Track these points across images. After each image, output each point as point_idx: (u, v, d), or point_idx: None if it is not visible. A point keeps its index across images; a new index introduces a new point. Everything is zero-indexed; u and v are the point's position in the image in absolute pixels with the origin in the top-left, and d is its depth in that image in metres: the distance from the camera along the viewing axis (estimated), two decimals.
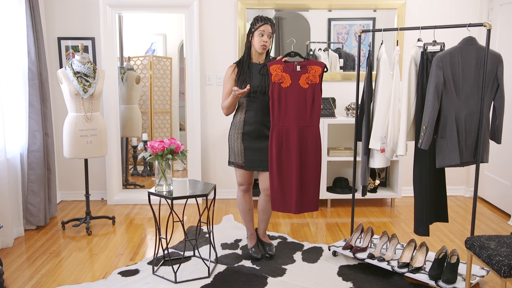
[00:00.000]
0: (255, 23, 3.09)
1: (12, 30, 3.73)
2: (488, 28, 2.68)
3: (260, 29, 3.06)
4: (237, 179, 3.31)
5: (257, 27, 3.07)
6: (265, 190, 3.25)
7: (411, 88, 2.95)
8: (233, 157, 3.25)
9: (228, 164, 3.31)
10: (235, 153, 3.23)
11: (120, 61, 4.71)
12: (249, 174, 3.27)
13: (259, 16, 3.12)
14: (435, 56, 2.79)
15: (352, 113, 4.50)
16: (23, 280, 3.02)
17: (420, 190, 2.98)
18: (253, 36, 3.09)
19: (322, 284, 2.95)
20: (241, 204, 3.37)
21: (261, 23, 3.06)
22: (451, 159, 2.79)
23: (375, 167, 3.27)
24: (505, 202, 4.32)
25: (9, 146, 3.69)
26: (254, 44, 3.11)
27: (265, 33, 3.06)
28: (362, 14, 4.66)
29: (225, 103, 3.12)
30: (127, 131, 4.88)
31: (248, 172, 3.26)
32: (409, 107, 2.97)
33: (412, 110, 2.99)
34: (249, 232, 3.40)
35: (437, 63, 2.74)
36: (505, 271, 2.26)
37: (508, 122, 4.27)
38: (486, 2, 4.58)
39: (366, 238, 3.33)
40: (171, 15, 4.81)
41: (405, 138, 2.98)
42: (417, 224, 3.05)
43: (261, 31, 3.06)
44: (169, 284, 2.96)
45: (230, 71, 3.18)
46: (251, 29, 3.10)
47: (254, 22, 3.10)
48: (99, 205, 4.62)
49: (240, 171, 3.26)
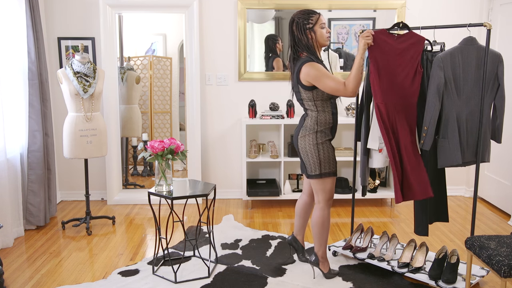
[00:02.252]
0: (309, 17, 2.74)
1: (12, 30, 3.73)
2: (488, 28, 2.68)
3: (321, 22, 2.75)
4: (328, 193, 2.87)
5: (315, 21, 2.74)
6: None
7: None
8: (327, 166, 2.84)
9: (321, 177, 2.83)
10: (330, 160, 2.85)
11: (120, 61, 4.71)
12: None
13: (304, 9, 2.78)
14: (435, 56, 2.79)
15: (352, 113, 4.50)
16: (23, 280, 3.03)
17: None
18: (315, 31, 2.74)
19: (322, 284, 2.95)
20: (327, 222, 2.91)
21: (317, 15, 2.75)
22: (453, 159, 2.79)
23: (374, 167, 3.26)
24: (505, 202, 4.32)
25: (9, 146, 3.69)
26: (318, 38, 2.76)
27: (325, 23, 2.78)
28: (362, 14, 4.66)
29: (352, 79, 2.62)
30: (127, 131, 4.88)
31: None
32: None
33: None
34: (325, 254, 3.00)
35: (438, 64, 2.74)
36: (505, 271, 2.26)
37: (508, 122, 4.27)
38: (486, 2, 4.58)
39: (366, 238, 3.33)
40: (171, 15, 4.81)
41: None
42: (417, 224, 3.05)
43: (322, 24, 2.76)
44: (169, 284, 2.96)
45: (320, 66, 2.74)
46: (305, 25, 2.73)
47: (306, 17, 2.74)
48: (99, 205, 4.62)
49: (333, 180, 2.88)
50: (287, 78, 4.70)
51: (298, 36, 2.77)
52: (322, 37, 2.77)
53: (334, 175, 2.88)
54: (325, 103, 2.82)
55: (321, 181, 2.85)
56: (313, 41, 2.77)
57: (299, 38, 2.77)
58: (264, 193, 4.44)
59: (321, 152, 2.83)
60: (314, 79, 2.69)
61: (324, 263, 3.01)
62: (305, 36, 2.75)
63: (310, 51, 2.77)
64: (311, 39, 2.76)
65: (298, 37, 2.77)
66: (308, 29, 2.74)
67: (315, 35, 2.76)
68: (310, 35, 2.76)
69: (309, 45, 2.76)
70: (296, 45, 2.79)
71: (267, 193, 4.43)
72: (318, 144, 2.82)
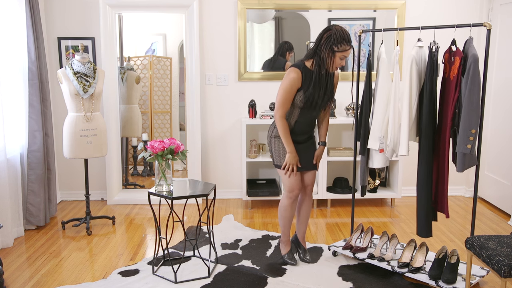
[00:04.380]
0: (340, 43, 2.82)
1: (12, 30, 3.73)
2: (488, 28, 2.68)
3: (345, 53, 2.86)
4: (287, 185, 3.09)
5: (341, 50, 2.84)
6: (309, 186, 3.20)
7: (412, 88, 2.94)
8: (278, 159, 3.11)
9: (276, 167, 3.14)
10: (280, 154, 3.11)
11: (120, 61, 4.71)
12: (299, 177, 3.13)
13: (344, 33, 2.84)
14: (472, 55, 2.66)
15: (352, 113, 4.50)
16: (23, 280, 3.02)
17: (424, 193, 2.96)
18: (334, 56, 2.86)
19: (322, 284, 2.95)
20: (287, 212, 3.14)
21: (347, 46, 2.84)
22: (474, 160, 2.76)
23: (374, 167, 3.27)
24: (505, 202, 4.32)
25: (9, 146, 3.69)
26: (331, 63, 2.88)
27: (346, 57, 2.90)
28: (362, 14, 4.66)
29: (282, 133, 2.98)
30: (127, 131, 4.88)
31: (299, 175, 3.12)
32: (411, 107, 2.96)
33: (413, 110, 2.98)
34: (285, 238, 3.25)
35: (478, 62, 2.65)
36: (505, 271, 2.26)
37: (508, 122, 4.27)
38: (486, 2, 4.58)
39: (366, 238, 3.33)
40: (171, 15, 4.81)
41: (407, 138, 2.96)
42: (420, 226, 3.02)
43: (344, 55, 2.87)
44: (169, 284, 2.96)
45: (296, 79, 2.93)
46: (332, 46, 2.83)
47: (339, 41, 2.81)
48: (99, 205, 4.62)
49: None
50: None
51: (321, 46, 2.88)
52: (333, 64, 2.91)
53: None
54: (295, 109, 3.01)
55: (279, 172, 3.13)
56: (329, 60, 2.88)
57: (321, 48, 2.88)
58: (264, 193, 4.44)
59: (273, 145, 3.12)
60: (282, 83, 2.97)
61: (282, 246, 3.28)
62: (325, 51, 2.87)
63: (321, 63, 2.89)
64: (328, 58, 2.88)
65: (321, 47, 2.88)
66: (332, 50, 2.85)
67: (332, 58, 2.88)
68: (328, 54, 2.87)
69: (324, 60, 2.88)
70: (315, 50, 2.92)
71: (267, 193, 4.43)
72: (271, 137, 3.13)
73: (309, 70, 2.95)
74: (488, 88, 4.55)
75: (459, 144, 2.69)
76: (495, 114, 4.50)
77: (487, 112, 4.54)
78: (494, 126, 4.51)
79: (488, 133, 4.59)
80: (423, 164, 2.94)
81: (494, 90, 4.51)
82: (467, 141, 2.65)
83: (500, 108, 4.41)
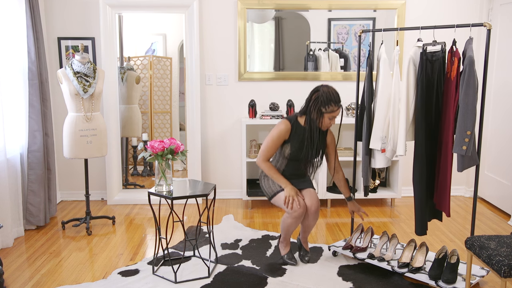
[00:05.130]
0: (327, 104, 2.92)
1: (12, 30, 3.73)
2: (488, 28, 2.68)
3: (333, 114, 2.96)
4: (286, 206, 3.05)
5: (329, 111, 2.94)
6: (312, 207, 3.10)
7: (409, 88, 2.95)
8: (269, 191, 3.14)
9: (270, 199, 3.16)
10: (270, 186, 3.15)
11: (120, 61, 4.71)
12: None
13: (332, 94, 2.93)
14: (468, 56, 2.67)
15: (352, 113, 4.50)
16: (23, 280, 3.02)
17: (420, 191, 2.98)
18: (323, 117, 2.96)
19: (322, 284, 2.95)
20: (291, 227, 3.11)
21: (335, 107, 2.94)
22: (475, 160, 2.76)
23: (376, 167, 3.26)
24: (505, 202, 4.32)
25: (9, 146, 3.69)
26: (320, 123, 2.99)
27: (335, 117, 2.99)
28: (362, 14, 4.66)
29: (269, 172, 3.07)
30: (127, 131, 4.88)
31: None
32: (408, 107, 2.97)
33: (411, 110, 2.98)
34: (285, 240, 3.25)
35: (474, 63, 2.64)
36: (505, 271, 2.26)
37: (508, 122, 4.27)
38: (486, 2, 4.58)
39: (366, 238, 3.33)
40: (171, 15, 4.81)
41: (404, 138, 2.97)
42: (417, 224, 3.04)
43: (333, 116, 2.97)
44: (169, 284, 2.95)
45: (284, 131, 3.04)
46: (320, 107, 2.94)
47: (326, 102, 2.92)
48: (99, 205, 4.62)
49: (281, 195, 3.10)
50: (287, 79, 4.71)
51: (310, 107, 3.00)
52: (323, 125, 3.01)
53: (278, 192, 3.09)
54: (283, 160, 3.12)
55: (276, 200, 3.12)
56: (318, 120, 3.00)
57: (310, 109, 3.00)
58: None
59: (263, 182, 3.19)
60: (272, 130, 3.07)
61: (281, 246, 3.28)
62: (314, 113, 2.98)
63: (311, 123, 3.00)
64: (317, 119, 2.99)
65: (310, 107, 3.00)
66: (320, 111, 2.96)
67: (321, 119, 2.99)
68: (318, 116, 2.98)
69: (313, 120, 3.00)
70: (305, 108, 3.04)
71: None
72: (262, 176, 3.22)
73: (300, 125, 3.06)
74: (488, 88, 4.55)
75: (455, 145, 2.70)
76: (495, 114, 4.50)
77: (487, 112, 4.54)
78: (494, 126, 4.51)
79: (488, 133, 4.59)
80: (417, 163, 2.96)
81: (494, 90, 4.51)
82: (463, 142, 2.67)
83: (500, 108, 4.41)
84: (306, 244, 3.33)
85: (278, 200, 3.08)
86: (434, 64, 2.88)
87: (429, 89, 2.90)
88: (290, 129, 3.04)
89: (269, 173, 3.08)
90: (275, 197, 3.10)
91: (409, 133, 3.04)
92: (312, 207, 3.06)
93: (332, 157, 3.23)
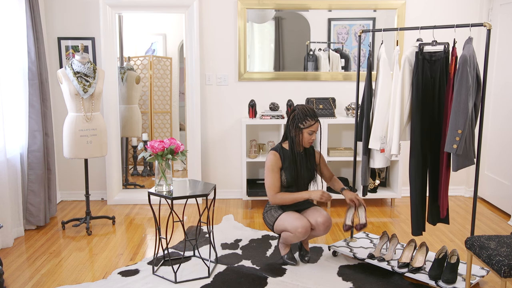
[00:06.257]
0: (303, 120, 3.01)
1: (12, 30, 3.73)
2: (488, 28, 2.68)
3: (311, 128, 3.03)
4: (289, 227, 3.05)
5: (307, 126, 3.02)
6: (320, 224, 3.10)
7: (404, 88, 2.95)
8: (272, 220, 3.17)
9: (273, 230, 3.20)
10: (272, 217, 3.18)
11: (120, 61, 4.71)
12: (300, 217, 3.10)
13: (307, 110, 3.03)
14: (462, 55, 2.66)
15: (352, 113, 4.50)
16: (23, 280, 3.02)
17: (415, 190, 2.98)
18: (302, 133, 3.04)
19: (322, 284, 2.95)
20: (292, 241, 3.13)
21: (312, 121, 3.02)
22: (470, 160, 2.76)
23: (376, 167, 3.26)
24: (505, 202, 4.32)
25: (9, 146, 3.69)
26: (301, 140, 3.06)
27: (314, 131, 3.05)
28: (362, 14, 4.66)
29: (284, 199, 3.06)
30: (127, 131, 4.88)
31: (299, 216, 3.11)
32: (403, 106, 2.97)
33: (406, 109, 2.98)
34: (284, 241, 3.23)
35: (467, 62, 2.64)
36: (505, 271, 2.26)
37: (508, 122, 4.27)
38: (486, 2, 4.58)
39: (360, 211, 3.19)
40: (171, 15, 4.81)
41: (398, 137, 2.98)
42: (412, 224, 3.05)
43: (311, 130, 3.03)
44: (169, 284, 2.95)
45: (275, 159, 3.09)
46: (298, 124, 3.03)
47: (302, 118, 3.01)
48: (99, 205, 4.62)
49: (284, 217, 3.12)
50: (287, 79, 4.71)
51: (289, 127, 3.10)
52: (304, 141, 3.08)
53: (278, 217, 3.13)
54: (283, 190, 3.14)
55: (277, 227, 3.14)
56: (297, 138, 3.07)
57: (289, 129, 3.10)
58: (264, 193, 4.44)
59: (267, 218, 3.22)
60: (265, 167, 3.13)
61: (281, 246, 3.27)
62: (293, 130, 3.07)
63: (292, 143, 3.09)
64: (297, 136, 3.07)
65: (289, 128, 3.10)
66: (298, 127, 3.05)
67: (301, 136, 3.06)
68: (297, 133, 3.06)
69: (293, 139, 3.08)
70: (285, 132, 3.15)
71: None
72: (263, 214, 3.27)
73: (286, 150, 3.13)
74: (488, 88, 4.55)
75: (446, 144, 2.71)
76: (495, 114, 4.50)
77: (487, 112, 4.54)
78: (494, 125, 4.51)
79: (488, 133, 4.59)
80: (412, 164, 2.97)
81: (494, 90, 4.51)
82: (454, 141, 2.67)
83: (500, 108, 4.41)
84: (306, 245, 3.33)
85: (280, 223, 3.10)
86: (434, 64, 2.88)
87: (428, 89, 2.90)
88: (279, 156, 3.10)
89: (287, 199, 3.07)
90: (276, 222, 3.13)
91: (405, 132, 3.04)
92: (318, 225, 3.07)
93: (325, 170, 3.32)
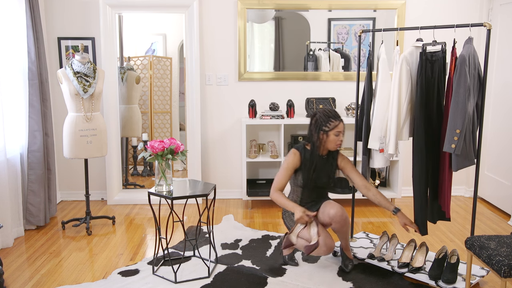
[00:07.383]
0: (327, 122, 2.92)
1: (12, 30, 3.73)
2: (488, 28, 2.68)
3: (337, 129, 2.93)
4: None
5: (332, 127, 2.92)
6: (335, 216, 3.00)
7: (401, 87, 2.95)
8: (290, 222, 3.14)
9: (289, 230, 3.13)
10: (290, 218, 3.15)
11: (120, 61, 4.71)
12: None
13: (329, 112, 2.94)
14: (460, 55, 2.66)
15: (352, 113, 4.50)
16: (23, 280, 3.02)
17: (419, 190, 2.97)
18: (328, 136, 2.93)
19: (322, 284, 2.95)
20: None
21: (337, 122, 2.92)
22: (471, 160, 2.75)
23: (375, 167, 3.26)
24: (505, 202, 4.32)
25: (9, 146, 3.69)
26: (327, 142, 2.95)
27: (340, 132, 2.95)
28: (362, 14, 4.66)
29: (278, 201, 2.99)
30: (127, 131, 4.88)
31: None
32: (400, 106, 2.97)
33: (403, 109, 2.98)
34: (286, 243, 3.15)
35: (466, 62, 2.64)
36: (505, 271, 2.26)
37: (508, 122, 4.27)
38: (486, 2, 4.58)
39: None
40: (171, 15, 4.81)
41: (395, 137, 2.98)
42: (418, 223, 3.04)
43: (337, 131, 2.93)
44: (169, 284, 2.96)
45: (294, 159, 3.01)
46: (322, 127, 2.93)
47: (325, 120, 2.92)
48: (99, 205, 4.62)
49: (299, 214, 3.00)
50: (287, 79, 4.71)
51: (311, 131, 3.00)
52: (331, 143, 2.97)
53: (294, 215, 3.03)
54: (297, 189, 3.10)
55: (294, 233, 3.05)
56: (321, 142, 2.97)
57: (311, 134, 3.00)
58: (264, 193, 4.44)
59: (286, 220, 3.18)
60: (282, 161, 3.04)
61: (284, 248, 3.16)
62: (316, 135, 2.97)
63: (314, 147, 2.99)
64: (320, 140, 2.96)
65: (311, 132, 3.00)
66: (324, 131, 2.94)
67: (327, 139, 2.95)
68: (322, 136, 2.95)
69: (315, 143, 2.98)
70: (308, 136, 3.04)
71: (267, 193, 4.43)
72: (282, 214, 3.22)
73: (308, 151, 3.04)
74: (488, 88, 4.55)
75: (445, 143, 2.71)
76: (495, 114, 4.50)
77: (487, 112, 4.54)
78: (495, 125, 4.51)
79: (488, 133, 4.59)
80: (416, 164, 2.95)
81: (494, 90, 4.51)
82: (452, 140, 2.67)
83: (500, 108, 4.41)
84: (348, 252, 3.16)
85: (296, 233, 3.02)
86: (434, 64, 2.88)
87: (428, 89, 2.90)
88: (300, 156, 3.01)
89: (279, 202, 2.99)
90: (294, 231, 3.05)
91: (402, 132, 3.04)
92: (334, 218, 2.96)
93: (354, 176, 3.10)
